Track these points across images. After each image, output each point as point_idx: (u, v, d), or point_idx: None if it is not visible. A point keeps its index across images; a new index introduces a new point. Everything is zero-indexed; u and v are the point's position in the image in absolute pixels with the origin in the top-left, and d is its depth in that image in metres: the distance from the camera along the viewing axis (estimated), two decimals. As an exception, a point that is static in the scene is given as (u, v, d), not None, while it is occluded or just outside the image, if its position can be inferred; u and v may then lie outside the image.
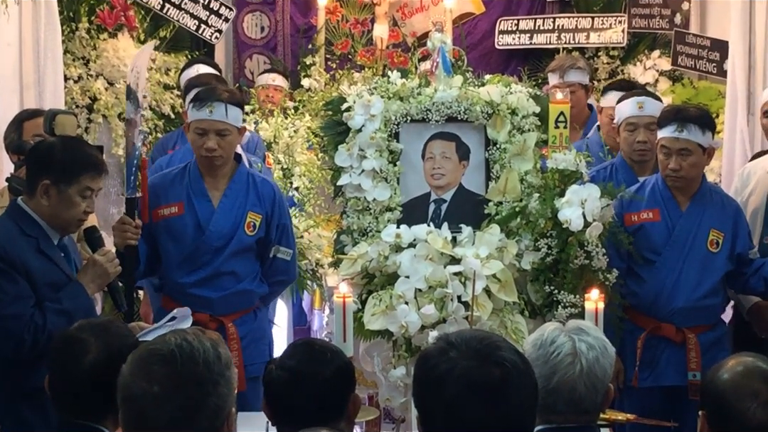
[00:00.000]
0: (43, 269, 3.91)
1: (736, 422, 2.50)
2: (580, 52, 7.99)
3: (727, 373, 2.58)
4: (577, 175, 4.57)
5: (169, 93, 7.42)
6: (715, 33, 7.73)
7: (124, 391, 2.16)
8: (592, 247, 4.42)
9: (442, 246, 4.46)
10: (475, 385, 2.14)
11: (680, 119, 4.67)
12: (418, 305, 4.36)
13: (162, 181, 4.76)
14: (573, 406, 2.75)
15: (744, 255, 4.81)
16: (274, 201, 4.73)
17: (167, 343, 2.18)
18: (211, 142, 4.56)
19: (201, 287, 4.61)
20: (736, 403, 2.52)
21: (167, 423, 2.13)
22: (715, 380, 2.59)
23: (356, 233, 4.64)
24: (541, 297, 4.51)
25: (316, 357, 2.95)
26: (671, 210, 4.80)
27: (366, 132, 4.62)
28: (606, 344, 2.83)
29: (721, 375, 2.58)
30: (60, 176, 3.92)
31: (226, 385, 2.19)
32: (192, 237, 4.64)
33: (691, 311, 4.72)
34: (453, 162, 4.72)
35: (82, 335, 3.00)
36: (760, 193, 5.15)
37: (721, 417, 2.55)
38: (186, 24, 7.45)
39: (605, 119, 5.83)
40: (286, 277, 4.89)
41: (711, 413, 2.58)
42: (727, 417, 2.53)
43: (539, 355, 2.77)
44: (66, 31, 7.02)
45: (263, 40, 8.74)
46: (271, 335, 5.04)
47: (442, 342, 2.24)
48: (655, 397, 4.72)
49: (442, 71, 4.74)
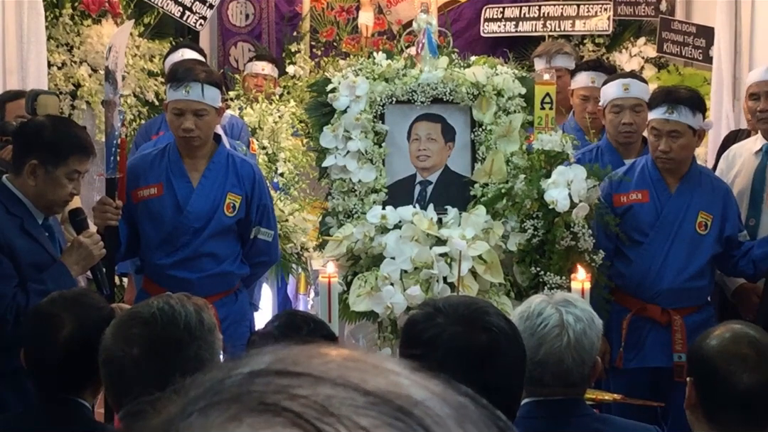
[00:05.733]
0: (27, 249, 3.88)
1: (724, 388, 2.49)
2: (566, 39, 7.96)
3: (715, 339, 2.56)
4: (563, 156, 4.56)
5: (153, 80, 7.38)
6: (701, 19, 7.73)
7: (105, 354, 2.14)
8: (578, 228, 4.41)
9: (428, 227, 4.44)
10: (462, 351, 2.13)
11: (671, 101, 4.66)
12: (404, 286, 4.34)
13: (142, 162, 4.72)
14: (560, 378, 2.73)
15: (733, 237, 4.80)
16: (254, 181, 4.69)
17: (149, 307, 2.16)
18: (189, 123, 4.51)
19: (180, 268, 4.57)
20: (723, 369, 2.50)
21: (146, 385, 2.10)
22: (704, 346, 2.57)
23: (341, 215, 4.63)
24: (527, 278, 4.50)
25: (299, 327, 2.94)
26: (660, 191, 4.79)
27: (351, 113, 4.60)
28: (593, 316, 2.81)
29: (710, 341, 2.57)
30: (48, 157, 3.88)
31: (208, 349, 2.17)
32: (171, 218, 4.60)
33: (678, 293, 4.71)
34: (438, 143, 4.70)
35: (54, 310, 2.96)
36: (745, 176, 5.15)
37: (709, 383, 2.53)
38: (170, 10, 7.39)
39: (576, 101, 5.86)
40: (267, 258, 4.85)
41: (699, 380, 2.57)
42: (714, 383, 2.51)
43: (526, 327, 2.74)
44: (49, 17, 6.98)
45: (248, 27, 8.70)
46: (252, 317, 5.01)
47: (429, 307, 2.22)
48: (641, 378, 4.71)
49: (428, 52, 4.72)
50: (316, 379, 0.72)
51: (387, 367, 0.75)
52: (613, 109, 5.15)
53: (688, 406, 2.60)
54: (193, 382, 0.74)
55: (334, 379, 0.72)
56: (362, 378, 0.72)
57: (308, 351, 0.76)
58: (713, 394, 2.51)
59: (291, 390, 0.70)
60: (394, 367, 0.75)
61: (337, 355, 0.76)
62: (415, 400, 0.72)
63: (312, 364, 0.73)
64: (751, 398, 2.47)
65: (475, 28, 8.48)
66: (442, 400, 0.74)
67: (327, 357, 0.75)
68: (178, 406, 0.72)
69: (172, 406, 0.73)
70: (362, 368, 0.74)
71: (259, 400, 0.70)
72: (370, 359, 0.75)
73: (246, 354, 0.76)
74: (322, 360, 0.74)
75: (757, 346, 2.51)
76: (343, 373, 0.72)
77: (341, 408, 0.70)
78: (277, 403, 0.70)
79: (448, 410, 0.73)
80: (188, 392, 0.73)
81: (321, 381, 0.71)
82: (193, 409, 0.71)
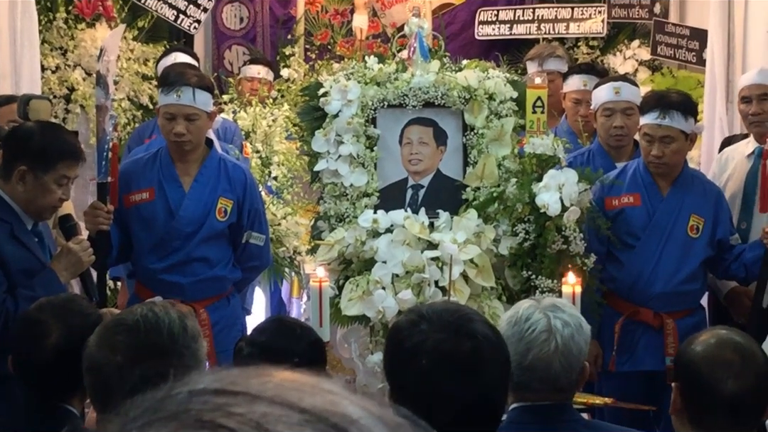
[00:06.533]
0: (17, 255, 3.87)
1: (709, 393, 2.49)
2: (560, 42, 7.98)
3: (701, 345, 2.56)
4: (555, 159, 4.56)
5: (147, 83, 7.37)
6: (695, 22, 7.72)
7: (89, 361, 2.14)
8: (569, 231, 4.41)
9: (420, 231, 4.44)
10: (447, 358, 2.13)
11: (663, 106, 4.65)
12: (395, 290, 4.34)
13: (134, 166, 4.72)
14: (548, 383, 2.72)
15: (725, 241, 4.80)
16: (245, 186, 4.69)
17: (132, 314, 2.16)
18: (180, 127, 4.51)
19: (172, 273, 4.57)
20: (709, 374, 2.50)
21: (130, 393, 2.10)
22: (689, 352, 2.57)
23: (333, 219, 4.62)
24: (519, 282, 4.50)
25: (286, 333, 2.94)
26: (652, 195, 4.79)
27: (343, 117, 4.60)
28: (581, 321, 2.80)
29: (695, 347, 2.57)
30: (37, 163, 3.88)
31: (192, 357, 2.17)
32: (162, 222, 4.59)
33: (670, 296, 4.71)
34: (430, 147, 4.70)
35: (42, 317, 2.95)
36: (737, 179, 5.15)
37: (694, 389, 2.53)
38: (164, 14, 7.37)
39: (569, 104, 5.86)
40: (259, 262, 4.85)
41: (684, 385, 2.57)
42: (700, 388, 2.51)
43: (514, 332, 2.73)
44: (43, 20, 6.98)
45: (242, 30, 8.69)
46: (244, 322, 5.00)
47: (413, 315, 2.22)
48: (633, 381, 4.71)
49: (420, 56, 4.72)
50: (253, 398, 0.72)
51: (324, 387, 0.75)
52: (604, 113, 5.15)
53: (673, 412, 2.60)
54: (134, 402, 0.74)
55: (270, 397, 0.72)
56: (299, 396, 0.72)
57: (248, 372, 0.76)
58: (699, 400, 2.51)
59: (227, 408, 0.71)
60: (332, 387, 0.75)
61: (276, 375, 0.76)
62: (351, 418, 0.72)
63: (250, 384, 0.74)
64: (736, 404, 2.47)
65: (469, 31, 8.48)
66: (379, 420, 0.74)
67: (266, 377, 0.75)
68: (117, 426, 0.73)
69: (111, 425, 0.73)
70: (299, 387, 0.74)
71: (196, 418, 0.71)
72: (308, 380, 0.76)
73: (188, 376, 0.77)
74: (261, 380, 0.75)
75: (742, 352, 2.51)
76: (280, 392, 0.73)
77: (276, 425, 0.70)
78: (213, 420, 0.70)
79: (384, 430, 0.73)
80: (128, 412, 0.74)
81: (257, 399, 0.72)
82: (132, 427, 0.72)
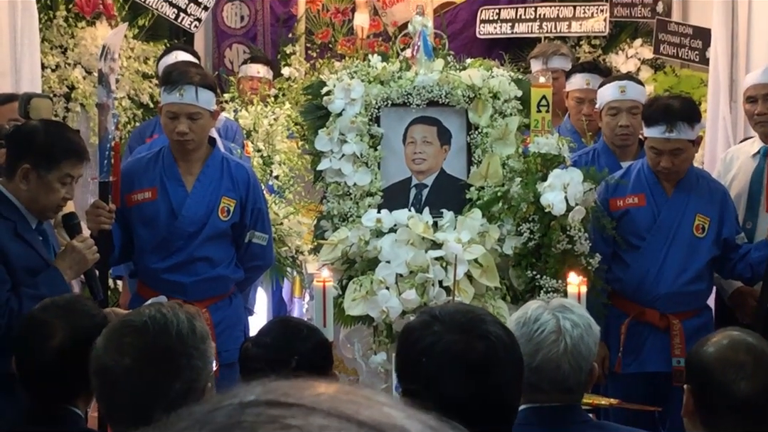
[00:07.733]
0: (21, 253, 3.85)
1: (722, 395, 2.47)
2: (562, 41, 7.95)
3: (713, 346, 2.54)
4: (560, 159, 4.54)
5: (148, 82, 7.35)
6: (698, 21, 7.71)
7: (97, 363, 2.11)
8: (574, 231, 4.39)
9: (424, 231, 4.42)
10: (459, 359, 2.11)
11: (668, 119, 4.55)
12: (399, 290, 4.32)
13: (136, 166, 4.70)
14: (557, 384, 2.70)
15: (731, 240, 4.77)
16: (248, 185, 4.66)
17: (141, 315, 2.14)
18: (183, 126, 4.48)
19: (174, 272, 4.54)
20: (721, 376, 2.48)
21: (139, 395, 2.08)
22: (701, 354, 2.55)
23: (336, 218, 4.60)
24: (523, 282, 4.48)
25: (292, 333, 2.92)
26: (657, 195, 4.76)
27: (346, 116, 4.58)
28: (590, 322, 2.78)
29: (707, 348, 2.54)
30: (41, 161, 3.86)
31: (201, 358, 2.15)
32: (165, 222, 4.57)
33: (676, 297, 4.69)
34: (434, 146, 4.68)
35: (47, 317, 2.92)
36: (743, 178, 5.12)
37: (706, 390, 2.51)
38: (165, 12, 7.36)
39: (571, 103, 5.85)
40: (262, 262, 4.83)
41: (696, 387, 2.54)
42: (712, 390, 2.49)
43: (523, 333, 2.71)
44: (43, 18, 6.95)
45: (243, 29, 8.66)
46: (246, 322, 4.98)
47: (426, 315, 2.20)
48: (639, 383, 4.68)
49: (423, 55, 4.70)
50: (309, 410, 0.69)
51: (379, 399, 0.73)
52: (609, 112, 5.12)
53: (685, 414, 2.58)
54: (178, 414, 0.72)
55: (326, 409, 0.70)
56: (355, 409, 0.70)
57: (298, 383, 0.74)
58: (711, 402, 2.49)
59: (283, 420, 0.68)
60: (386, 400, 0.73)
61: (327, 387, 0.73)
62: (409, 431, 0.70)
63: (303, 396, 0.71)
64: (749, 405, 2.45)
65: (470, 29, 8.46)
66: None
67: (318, 389, 0.73)
68: None
69: None
70: (354, 400, 0.71)
71: (251, 430, 0.68)
72: (361, 391, 0.74)
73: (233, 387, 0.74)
74: (313, 391, 0.72)
75: (754, 353, 2.49)
76: (336, 404, 0.70)
77: None
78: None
79: None
80: (175, 424, 0.71)
81: (313, 411, 0.69)
82: None
